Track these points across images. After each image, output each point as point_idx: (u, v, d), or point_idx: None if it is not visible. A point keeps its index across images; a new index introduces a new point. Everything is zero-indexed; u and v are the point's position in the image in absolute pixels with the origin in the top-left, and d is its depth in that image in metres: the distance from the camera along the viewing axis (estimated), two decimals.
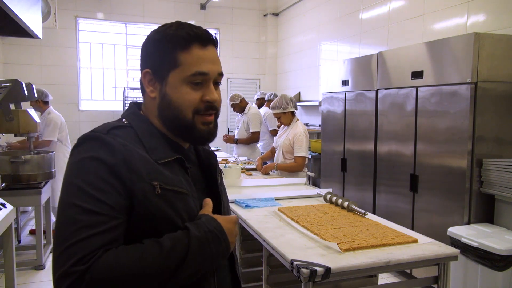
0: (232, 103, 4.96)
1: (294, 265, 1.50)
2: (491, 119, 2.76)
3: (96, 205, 0.76)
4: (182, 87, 0.90)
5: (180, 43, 0.89)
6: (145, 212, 0.81)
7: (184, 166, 0.93)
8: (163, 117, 0.93)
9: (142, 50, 0.95)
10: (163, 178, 0.85)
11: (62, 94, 6.49)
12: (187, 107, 0.90)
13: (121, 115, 0.95)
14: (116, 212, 0.78)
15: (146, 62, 0.93)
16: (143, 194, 0.81)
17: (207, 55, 0.91)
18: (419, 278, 2.06)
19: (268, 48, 7.65)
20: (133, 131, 0.90)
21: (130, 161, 0.82)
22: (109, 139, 0.83)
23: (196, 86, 0.90)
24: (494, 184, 2.66)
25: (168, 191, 0.84)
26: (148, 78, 0.93)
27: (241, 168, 3.37)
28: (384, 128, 3.58)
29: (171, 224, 0.83)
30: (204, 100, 0.91)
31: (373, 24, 4.77)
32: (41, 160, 3.19)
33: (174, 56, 0.89)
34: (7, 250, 2.40)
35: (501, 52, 2.76)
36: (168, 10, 7.00)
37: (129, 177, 0.81)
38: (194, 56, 0.89)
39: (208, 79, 0.92)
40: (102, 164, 0.80)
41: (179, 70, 0.89)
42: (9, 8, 2.14)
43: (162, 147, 0.91)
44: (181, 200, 0.87)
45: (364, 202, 3.81)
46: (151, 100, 0.94)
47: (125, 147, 0.83)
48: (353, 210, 2.19)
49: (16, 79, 3.02)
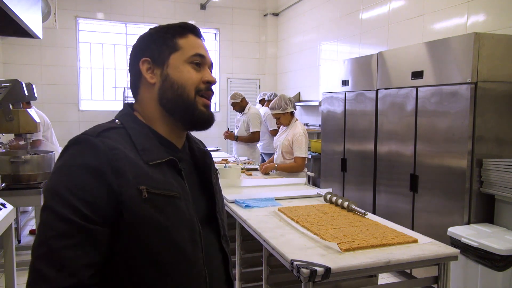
0: (232, 101, 4.94)
1: (294, 265, 1.50)
2: (491, 119, 2.76)
3: (75, 214, 0.76)
4: (184, 66, 0.94)
5: (178, 31, 0.96)
6: (133, 217, 0.80)
7: (177, 167, 0.92)
8: (164, 100, 0.93)
9: (138, 45, 0.97)
10: (151, 181, 0.84)
11: (62, 94, 6.50)
12: (190, 85, 0.93)
13: (115, 116, 0.95)
14: (94, 222, 0.77)
15: (144, 52, 0.95)
16: (130, 199, 0.80)
17: (201, 44, 0.98)
18: (419, 278, 2.06)
19: (268, 48, 7.65)
20: (125, 132, 0.89)
21: (117, 165, 0.81)
22: (97, 142, 0.82)
23: (196, 67, 0.95)
24: (494, 184, 2.66)
25: (156, 195, 0.84)
26: (146, 66, 0.94)
27: (241, 168, 3.37)
28: (384, 128, 3.58)
29: (160, 228, 0.83)
30: (204, 80, 0.95)
31: (373, 24, 4.76)
32: (41, 160, 3.19)
33: (174, 42, 0.95)
34: (7, 250, 2.40)
35: (501, 52, 2.76)
36: (168, 10, 7.01)
37: (116, 182, 0.80)
38: (191, 42, 0.96)
39: (205, 63, 0.97)
40: (88, 170, 0.79)
41: (180, 52, 0.94)
42: (9, 8, 2.14)
43: (155, 148, 0.90)
44: (171, 203, 0.86)
45: (364, 202, 3.80)
46: (149, 89, 0.95)
47: (112, 151, 0.82)
48: (353, 210, 2.19)
49: (16, 79, 3.02)
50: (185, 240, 0.87)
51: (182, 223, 0.87)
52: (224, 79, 7.52)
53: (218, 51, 7.49)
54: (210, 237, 0.97)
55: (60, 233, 0.74)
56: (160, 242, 0.83)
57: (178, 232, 0.86)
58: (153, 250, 0.82)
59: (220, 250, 1.00)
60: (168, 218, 0.84)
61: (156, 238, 0.82)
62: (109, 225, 0.79)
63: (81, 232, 0.76)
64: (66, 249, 0.74)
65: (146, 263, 0.82)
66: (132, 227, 0.80)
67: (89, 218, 0.77)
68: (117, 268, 0.81)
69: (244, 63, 7.60)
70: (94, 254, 0.77)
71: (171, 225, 0.84)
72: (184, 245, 0.86)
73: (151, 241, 0.82)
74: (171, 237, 0.84)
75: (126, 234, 0.80)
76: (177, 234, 0.85)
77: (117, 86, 6.99)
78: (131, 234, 0.81)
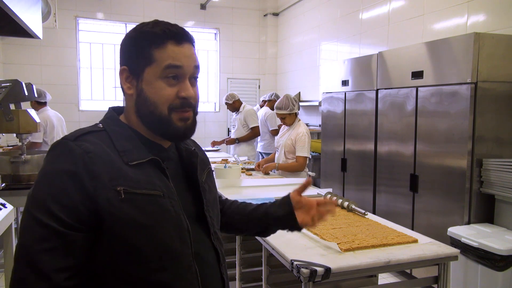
0: (225, 102, 5.09)
1: (294, 265, 1.50)
2: (491, 119, 2.76)
3: (52, 219, 0.78)
4: (157, 82, 0.90)
5: (155, 41, 0.90)
6: (112, 219, 0.81)
7: (161, 167, 0.92)
8: (140, 113, 0.93)
9: (120, 48, 0.97)
10: (130, 182, 0.85)
11: (62, 94, 6.49)
12: (163, 103, 0.90)
13: (99, 120, 0.96)
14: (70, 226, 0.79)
15: (123, 59, 0.95)
16: (107, 201, 0.81)
17: (182, 51, 0.91)
18: (419, 278, 2.06)
19: (268, 48, 7.65)
20: (106, 135, 0.90)
21: (92, 169, 0.82)
22: (73, 146, 0.83)
23: (171, 81, 0.90)
24: (494, 184, 2.66)
25: (135, 194, 0.84)
26: (125, 75, 0.94)
27: (241, 168, 3.37)
28: (384, 128, 3.58)
29: (142, 227, 0.84)
30: (180, 96, 0.91)
31: (373, 24, 4.76)
32: (41, 160, 3.18)
33: (150, 53, 0.90)
34: (7, 250, 2.40)
35: (501, 52, 2.76)
36: (168, 10, 7.00)
37: (92, 185, 0.81)
38: (169, 52, 0.90)
39: (183, 74, 0.92)
40: (64, 175, 0.81)
41: (154, 65, 0.90)
42: (9, 8, 2.14)
43: (136, 149, 0.91)
44: (153, 202, 0.87)
45: (364, 202, 3.80)
46: (129, 98, 0.95)
47: (88, 154, 0.83)
48: (353, 210, 2.19)
49: (16, 79, 3.01)
50: (172, 237, 0.88)
51: (167, 221, 0.88)
52: (224, 79, 7.52)
53: (218, 51, 7.49)
54: (200, 234, 0.97)
55: (37, 238, 0.77)
56: (143, 241, 0.84)
57: (163, 230, 0.87)
58: (136, 248, 0.83)
59: (212, 247, 1.00)
60: (150, 217, 0.85)
61: (139, 237, 0.83)
62: (88, 228, 0.81)
63: (58, 237, 0.78)
64: (43, 253, 0.77)
65: (131, 261, 0.83)
66: (113, 228, 0.82)
67: (65, 222, 0.79)
68: (102, 268, 0.83)
69: (244, 63, 7.60)
70: (70, 258, 0.79)
71: (154, 223, 0.85)
72: (171, 242, 0.87)
73: (134, 240, 0.83)
74: (156, 235, 0.85)
75: (108, 234, 0.82)
76: (161, 232, 0.86)
77: (117, 86, 6.98)
78: (113, 234, 0.82)
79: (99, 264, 0.83)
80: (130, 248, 0.83)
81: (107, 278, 0.84)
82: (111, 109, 1.00)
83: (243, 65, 7.59)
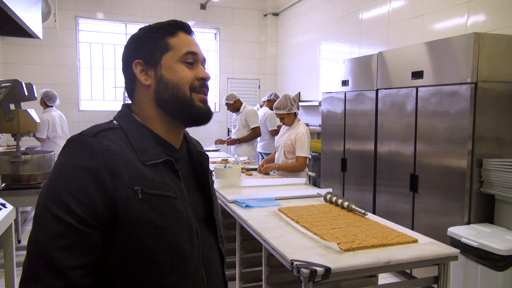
0: (226, 102, 5.06)
1: (294, 265, 1.50)
2: (491, 119, 2.76)
3: (70, 215, 0.76)
4: (177, 66, 0.94)
5: (168, 30, 0.95)
6: (128, 218, 0.81)
7: (174, 168, 0.92)
8: (161, 101, 0.94)
9: (129, 46, 0.97)
10: (146, 182, 0.84)
11: (62, 94, 6.47)
12: (184, 84, 0.93)
13: (113, 117, 0.96)
14: (88, 224, 0.78)
15: (135, 54, 0.95)
16: (125, 200, 0.81)
17: (192, 41, 0.98)
18: (419, 278, 2.06)
19: (268, 48, 7.65)
20: (122, 133, 0.89)
21: (112, 166, 0.81)
22: (93, 143, 0.82)
23: (189, 65, 0.95)
24: (494, 184, 2.66)
25: (151, 195, 0.84)
26: (139, 68, 0.95)
27: (241, 168, 3.37)
28: (384, 128, 3.58)
29: (156, 228, 0.83)
30: (198, 77, 0.95)
31: (373, 24, 4.77)
32: (41, 160, 3.18)
33: (165, 41, 0.94)
34: (7, 250, 2.40)
35: (501, 52, 2.76)
36: (168, 10, 7.01)
37: (111, 183, 0.80)
38: (182, 40, 0.96)
39: (198, 60, 0.97)
40: (84, 171, 0.79)
41: (171, 52, 0.94)
42: (9, 8, 2.14)
43: (152, 148, 0.90)
44: (167, 203, 0.86)
45: (364, 202, 3.80)
46: (144, 90, 0.95)
47: (108, 151, 0.82)
48: (353, 210, 2.19)
49: (16, 79, 3.01)
50: (183, 239, 0.87)
51: (179, 223, 0.87)
52: (224, 79, 7.52)
53: (218, 51, 7.49)
54: (208, 237, 0.97)
55: (54, 234, 0.76)
56: (156, 242, 0.83)
57: (175, 231, 0.86)
58: (149, 250, 0.82)
59: (218, 250, 1.00)
60: (164, 218, 0.85)
61: (152, 238, 0.82)
62: (104, 226, 0.80)
63: (75, 234, 0.76)
64: (59, 250, 0.75)
65: (142, 262, 0.82)
66: (128, 227, 0.81)
67: (83, 219, 0.77)
68: (113, 268, 0.82)
69: (244, 63, 7.60)
70: (87, 256, 0.78)
71: (167, 224, 0.85)
72: (182, 244, 0.87)
73: (147, 241, 0.82)
74: (168, 237, 0.85)
75: (122, 234, 0.81)
76: (174, 234, 0.86)
77: (117, 86, 6.99)
78: (127, 234, 0.81)
79: (110, 264, 0.82)
80: (143, 249, 0.82)
81: (117, 278, 0.82)
82: (125, 106, 1.00)
83: (243, 65, 7.59)
